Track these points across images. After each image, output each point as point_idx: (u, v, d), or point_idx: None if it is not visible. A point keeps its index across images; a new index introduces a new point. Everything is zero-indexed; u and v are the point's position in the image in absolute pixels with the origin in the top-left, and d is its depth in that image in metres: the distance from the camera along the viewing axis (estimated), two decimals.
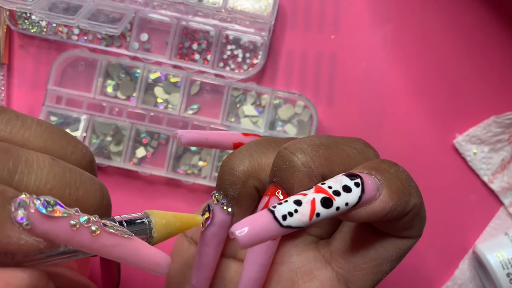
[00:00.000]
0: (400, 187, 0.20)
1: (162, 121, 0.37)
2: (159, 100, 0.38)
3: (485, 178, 0.38)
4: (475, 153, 0.38)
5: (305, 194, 0.18)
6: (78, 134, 0.37)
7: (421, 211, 0.22)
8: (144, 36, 0.38)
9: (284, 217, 0.17)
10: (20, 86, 0.39)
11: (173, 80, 0.38)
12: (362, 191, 0.19)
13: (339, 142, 0.22)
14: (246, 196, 0.23)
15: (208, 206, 0.24)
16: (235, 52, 0.38)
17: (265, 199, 0.22)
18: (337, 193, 0.18)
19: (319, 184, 0.19)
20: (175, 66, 0.38)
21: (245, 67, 0.38)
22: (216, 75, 0.38)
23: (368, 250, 0.22)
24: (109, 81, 0.38)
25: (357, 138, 0.23)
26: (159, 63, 0.38)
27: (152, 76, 0.38)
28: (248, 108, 0.38)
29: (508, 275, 0.35)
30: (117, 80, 0.38)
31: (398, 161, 0.39)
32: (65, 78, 0.38)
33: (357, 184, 0.19)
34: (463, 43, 0.39)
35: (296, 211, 0.18)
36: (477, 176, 0.38)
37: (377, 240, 0.22)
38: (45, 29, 0.38)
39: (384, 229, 0.22)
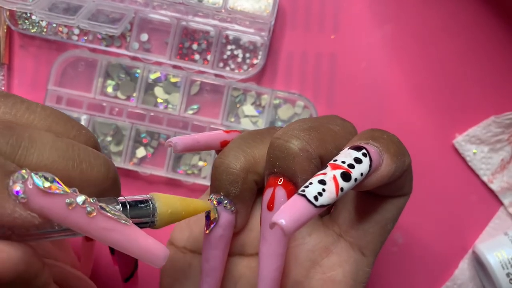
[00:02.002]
0: (396, 149, 0.22)
1: (162, 121, 0.37)
2: (159, 100, 0.38)
3: (485, 178, 0.38)
4: (474, 153, 0.38)
5: (324, 174, 0.19)
6: None
7: (411, 168, 0.23)
8: (144, 36, 0.38)
9: (316, 198, 0.18)
10: (20, 86, 0.39)
11: (173, 80, 0.38)
12: (370, 159, 0.20)
13: (323, 122, 0.23)
14: (247, 192, 0.23)
15: (209, 211, 0.24)
16: (235, 52, 0.38)
17: (269, 191, 0.22)
18: (351, 166, 0.20)
19: (332, 162, 0.20)
20: (175, 66, 0.38)
21: (245, 67, 0.38)
22: (216, 75, 0.38)
23: (373, 215, 0.24)
24: (109, 81, 0.38)
25: (333, 115, 0.25)
26: (159, 63, 0.38)
27: (152, 76, 0.38)
28: (248, 108, 0.38)
29: (508, 275, 0.35)
30: (117, 80, 0.38)
31: None
32: (65, 78, 0.38)
33: (364, 155, 0.20)
34: (463, 43, 0.39)
35: (324, 190, 0.19)
36: (477, 176, 0.38)
37: (379, 204, 0.24)
38: (45, 29, 0.39)
39: (384, 193, 0.23)
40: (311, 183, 0.19)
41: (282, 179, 0.22)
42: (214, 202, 0.23)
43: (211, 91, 0.38)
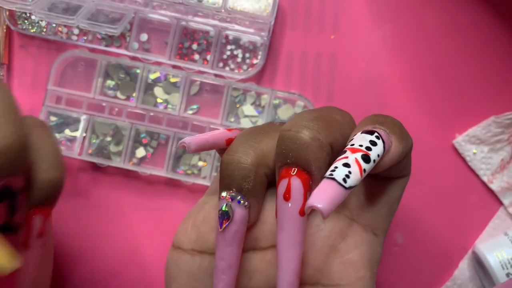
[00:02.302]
0: (400, 131, 0.23)
1: (162, 121, 0.37)
2: (159, 100, 0.38)
3: (485, 178, 0.38)
4: (474, 153, 0.38)
5: (346, 157, 0.20)
6: (78, 134, 0.37)
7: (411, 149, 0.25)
8: (144, 36, 0.38)
9: (345, 180, 0.19)
10: (20, 86, 0.39)
11: (172, 80, 0.38)
12: (383, 141, 0.22)
13: (326, 112, 0.24)
14: (259, 185, 0.24)
15: (223, 207, 0.24)
16: (235, 52, 0.38)
17: (284, 182, 0.22)
18: (369, 148, 0.21)
19: (349, 146, 0.21)
20: (174, 66, 0.38)
21: (244, 67, 0.38)
22: (216, 75, 0.38)
23: (381, 196, 0.25)
24: (108, 81, 0.38)
25: (331, 106, 0.26)
26: (158, 63, 0.38)
27: (152, 76, 0.38)
28: (248, 108, 0.38)
29: (507, 275, 0.35)
30: (116, 80, 0.38)
31: None
32: (65, 78, 0.38)
33: (377, 137, 0.21)
34: (462, 43, 0.39)
35: (350, 172, 0.20)
36: (477, 176, 0.38)
37: (386, 186, 0.25)
38: (45, 29, 0.39)
39: (390, 174, 0.25)
40: (336, 167, 0.20)
41: (296, 169, 0.22)
42: (227, 198, 0.24)
43: (211, 91, 0.38)
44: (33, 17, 0.38)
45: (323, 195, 0.19)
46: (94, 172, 0.38)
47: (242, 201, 0.24)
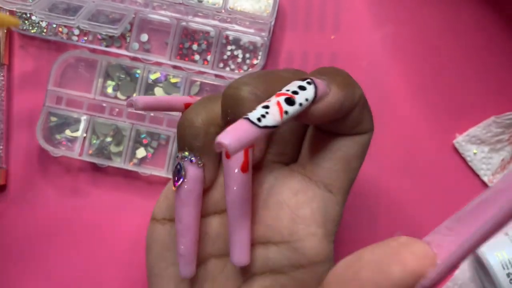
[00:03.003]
0: (343, 80, 0.22)
1: (162, 121, 0.37)
2: None
3: (485, 178, 0.38)
4: (475, 153, 0.38)
5: (269, 101, 0.20)
6: (78, 134, 0.37)
7: (366, 102, 0.24)
8: (144, 37, 0.38)
9: (259, 119, 0.19)
10: (20, 86, 0.39)
11: (173, 80, 0.38)
12: (315, 86, 0.21)
13: (274, 70, 0.24)
14: (211, 144, 0.24)
15: (176, 166, 0.24)
16: (235, 53, 0.38)
17: None
18: (295, 92, 0.20)
19: (277, 92, 0.21)
20: (175, 67, 0.38)
21: (245, 67, 0.38)
22: (216, 76, 0.38)
23: (334, 152, 0.24)
24: (109, 82, 0.38)
25: (288, 68, 0.26)
26: (159, 64, 0.38)
27: (152, 76, 0.38)
28: None
29: (508, 275, 0.35)
30: (117, 80, 0.38)
31: (398, 161, 0.39)
32: (65, 78, 0.38)
33: (309, 83, 0.21)
34: (463, 43, 0.39)
35: (267, 113, 0.19)
36: (477, 176, 0.38)
37: (339, 142, 0.24)
38: (45, 30, 0.39)
39: (341, 130, 0.24)
40: (255, 109, 0.20)
41: None
42: (180, 158, 0.24)
43: (211, 91, 0.38)
44: (33, 17, 0.38)
45: (232, 133, 0.18)
46: (95, 172, 0.38)
47: (194, 160, 0.24)
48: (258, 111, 0.19)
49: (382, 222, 0.38)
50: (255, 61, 0.38)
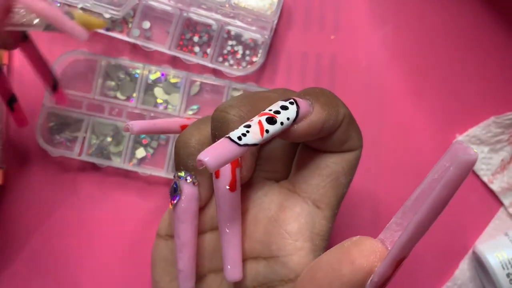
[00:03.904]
0: (327, 100, 0.23)
1: None
2: (159, 101, 0.38)
3: (485, 179, 0.38)
4: None
5: (251, 120, 0.21)
6: (78, 134, 0.37)
7: (352, 120, 0.25)
8: (146, 24, 0.38)
9: (240, 138, 0.20)
10: (20, 86, 0.39)
11: (173, 80, 0.38)
12: (297, 106, 0.22)
13: (261, 91, 0.26)
14: None
15: (172, 186, 0.25)
16: (235, 48, 0.38)
17: None
18: (277, 112, 0.21)
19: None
20: (174, 57, 0.38)
21: (244, 64, 0.38)
22: (214, 70, 0.38)
23: (322, 168, 0.25)
24: (108, 82, 0.38)
25: (278, 88, 0.27)
26: (158, 61, 0.38)
27: (152, 76, 0.38)
28: None
29: (508, 275, 0.35)
30: (117, 80, 0.38)
31: (398, 161, 0.39)
32: (65, 78, 0.38)
33: (291, 103, 0.22)
34: (463, 43, 0.39)
35: (248, 131, 0.20)
36: (477, 176, 0.38)
37: (327, 159, 0.25)
38: None
39: (328, 148, 0.25)
40: (237, 129, 0.21)
41: None
42: (176, 178, 0.25)
43: (211, 92, 0.38)
44: None
45: (212, 150, 0.19)
46: (94, 172, 0.38)
47: (189, 179, 0.25)
48: (239, 130, 0.20)
49: (382, 223, 0.38)
50: (254, 59, 0.38)
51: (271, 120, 0.21)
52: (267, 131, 0.21)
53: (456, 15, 0.39)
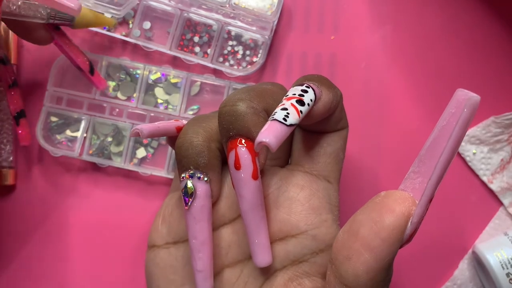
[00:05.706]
0: (328, 83, 0.26)
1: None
2: (160, 101, 0.38)
3: (485, 178, 0.38)
4: (474, 153, 0.38)
5: (283, 104, 0.23)
6: (79, 134, 0.37)
7: (342, 102, 0.27)
8: (147, 24, 0.38)
9: (285, 119, 0.22)
10: (20, 86, 0.39)
11: (173, 80, 0.38)
12: (313, 90, 0.24)
13: (257, 85, 0.27)
14: (214, 159, 0.26)
15: (185, 188, 0.25)
16: (236, 49, 0.38)
17: (232, 153, 0.24)
18: (301, 95, 0.23)
19: (284, 97, 0.24)
20: (174, 57, 0.38)
21: (244, 64, 0.38)
22: (215, 70, 0.38)
23: (325, 147, 0.27)
24: (109, 82, 0.38)
25: (262, 82, 0.29)
26: (159, 61, 0.38)
27: (153, 76, 0.38)
28: None
29: (507, 275, 0.35)
30: (117, 80, 0.38)
31: (398, 161, 0.39)
32: (65, 78, 0.38)
33: (307, 87, 0.24)
34: (462, 43, 0.39)
35: (288, 113, 0.22)
36: (477, 176, 0.39)
37: (327, 139, 0.28)
38: None
39: (327, 128, 0.27)
40: (276, 112, 0.22)
41: (240, 139, 0.24)
42: (187, 177, 0.25)
43: (211, 92, 0.38)
44: None
45: (268, 132, 0.21)
46: (95, 172, 0.38)
47: (201, 176, 0.25)
48: (281, 113, 0.22)
49: None
50: (254, 59, 0.38)
51: (301, 102, 0.23)
52: (301, 111, 0.23)
53: (455, 15, 0.39)
